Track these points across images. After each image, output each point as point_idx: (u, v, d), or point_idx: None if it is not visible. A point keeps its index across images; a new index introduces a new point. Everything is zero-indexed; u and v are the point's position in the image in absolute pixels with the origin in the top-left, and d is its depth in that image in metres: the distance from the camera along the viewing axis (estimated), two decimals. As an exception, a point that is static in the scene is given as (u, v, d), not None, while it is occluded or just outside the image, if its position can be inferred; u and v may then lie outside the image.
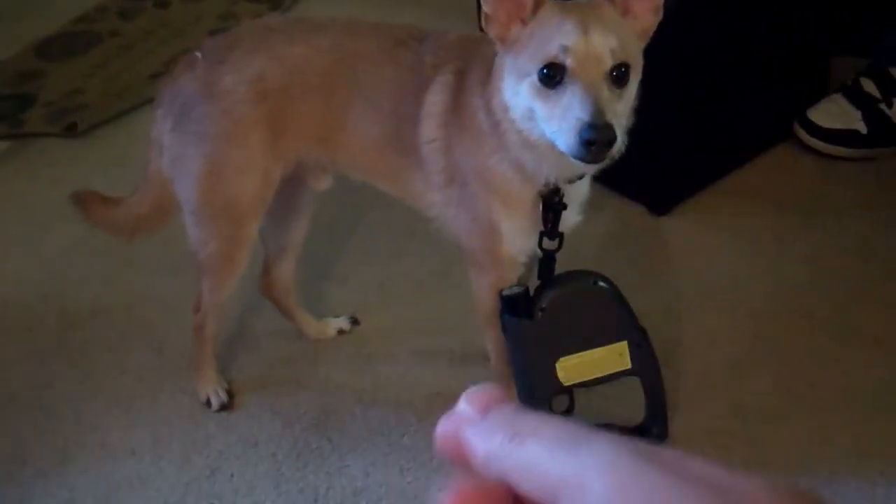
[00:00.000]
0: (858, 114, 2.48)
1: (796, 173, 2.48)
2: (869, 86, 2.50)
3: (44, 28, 3.38)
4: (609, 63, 1.42)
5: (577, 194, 1.66)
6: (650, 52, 1.52)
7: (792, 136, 2.53)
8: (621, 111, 1.46)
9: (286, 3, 3.40)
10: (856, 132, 2.47)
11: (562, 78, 1.42)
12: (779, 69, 2.43)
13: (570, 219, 1.65)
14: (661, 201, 2.38)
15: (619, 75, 1.44)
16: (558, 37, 1.42)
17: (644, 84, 1.51)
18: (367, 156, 1.74)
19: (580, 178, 1.61)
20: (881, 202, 2.36)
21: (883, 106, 2.48)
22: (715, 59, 2.25)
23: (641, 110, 1.53)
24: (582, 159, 1.42)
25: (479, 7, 1.51)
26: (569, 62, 1.41)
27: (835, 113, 2.49)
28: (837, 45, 2.63)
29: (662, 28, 1.52)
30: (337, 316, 2.14)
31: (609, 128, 1.38)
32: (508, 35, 1.49)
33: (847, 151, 2.47)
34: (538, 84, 1.44)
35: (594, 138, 1.37)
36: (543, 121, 1.46)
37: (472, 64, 1.61)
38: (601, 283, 1.72)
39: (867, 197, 2.39)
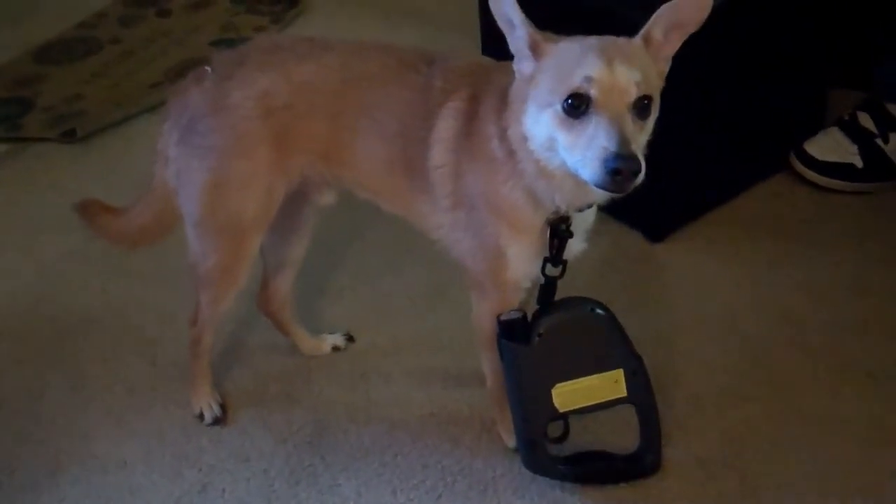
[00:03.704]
0: (855, 147, 2.50)
1: (792, 204, 2.50)
2: (866, 120, 2.52)
3: (43, 33, 3.37)
4: (633, 94, 1.44)
5: (584, 222, 1.67)
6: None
7: (788, 167, 2.55)
8: (642, 142, 1.48)
9: (287, 17, 3.40)
10: (852, 166, 2.49)
11: (586, 108, 1.44)
12: (777, 100, 2.45)
13: (575, 246, 1.67)
14: (657, 228, 2.39)
15: (642, 107, 1.46)
16: (582, 68, 1.44)
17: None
18: (372, 176, 1.75)
19: (589, 206, 1.63)
20: (876, 236, 2.38)
21: (879, 141, 2.50)
22: (713, 89, 2.26)
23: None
24: (606, 189, 1.44)
25: (481, 26, 1.52)
26: (593, 92, 1.43)
27: (831, 146, 2.51)
28: (835, 78, 2.66)
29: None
30: (332, 332, 2.15)
31: (635, 158, 1.40)
32: (522, 70, 1.52)
33: (843, 184, 2.49)
34: (561, 114, 1.45)
35: (621, 168, 1.39)
36: (566, 150, 1.47)
37: (485, 91, 1.62)
38: (599, 311, 1.73)
39: (862, 230, 2.40)
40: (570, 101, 1.44)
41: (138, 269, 2.31)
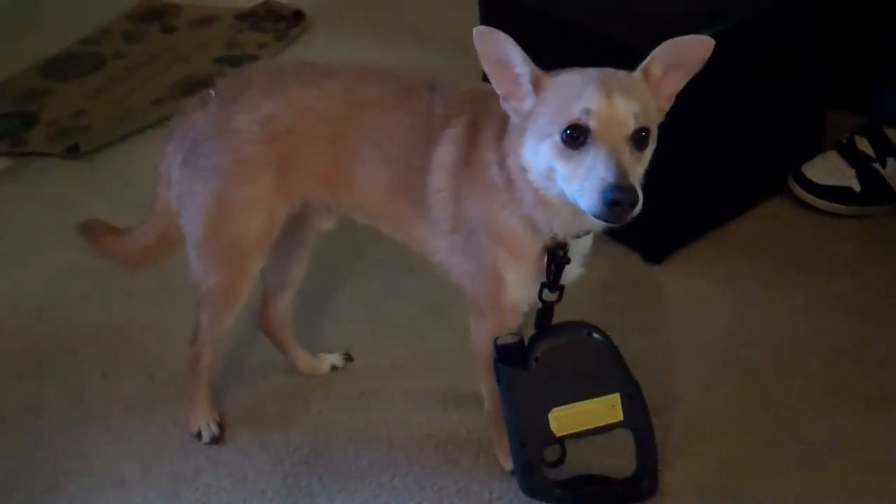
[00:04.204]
0: (852, 171, 2.51)
1: (790, 227, 2.50)
2: (863, 144, 2.53)
3: (48, 48, 3.39)
4: (632, 126, 1.46)
5: (581, 248, 1.69)
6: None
7: (786, 190, 2.56)
8: (640, 173, 1.49)
9: (291, 34, 3.42)
10: (849, 189, 2.50)
11: (585, 139, 1.45)
12: (775, 123, 2.46)
13: (572, 272, 1.69)
14: (655, 250, 2.40)
15: (639, 139, 1.47)
16: (581, 100, 1.46)
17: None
18: (372, 200, 1.77)
19: (587, 233, 1.64)
20: (873, 259, 2.39)
21: (877, 165, 2.51)
22: (712, 111, 2.27)
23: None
24: (604, 219, 1.46)
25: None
26: (592, 124, 1.45)
27: (829, 169, 2.52)
28: (833, 101, 2.67)
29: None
30: (331, 352, 2.15)
31: (632, 189, 1.42)
32: (522, 107, 1.53)
33: (840, 208, 2.51)
34: (560, 144, 1.47)
35: (619, 199, 1.41)
36: (564, 180, 1.49)
37: (486, 117, 1.64)
38: (595, 335, 1.74)
39: (859, 253, 2.41)
40: (568, 131, 1.46)
41: (139, 286, 2.32)
